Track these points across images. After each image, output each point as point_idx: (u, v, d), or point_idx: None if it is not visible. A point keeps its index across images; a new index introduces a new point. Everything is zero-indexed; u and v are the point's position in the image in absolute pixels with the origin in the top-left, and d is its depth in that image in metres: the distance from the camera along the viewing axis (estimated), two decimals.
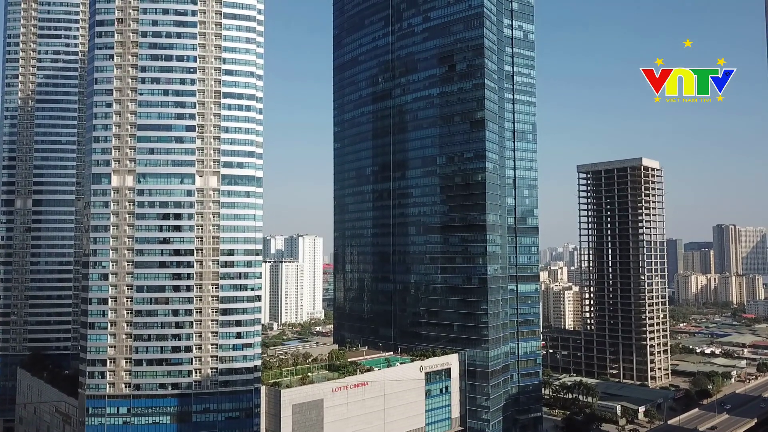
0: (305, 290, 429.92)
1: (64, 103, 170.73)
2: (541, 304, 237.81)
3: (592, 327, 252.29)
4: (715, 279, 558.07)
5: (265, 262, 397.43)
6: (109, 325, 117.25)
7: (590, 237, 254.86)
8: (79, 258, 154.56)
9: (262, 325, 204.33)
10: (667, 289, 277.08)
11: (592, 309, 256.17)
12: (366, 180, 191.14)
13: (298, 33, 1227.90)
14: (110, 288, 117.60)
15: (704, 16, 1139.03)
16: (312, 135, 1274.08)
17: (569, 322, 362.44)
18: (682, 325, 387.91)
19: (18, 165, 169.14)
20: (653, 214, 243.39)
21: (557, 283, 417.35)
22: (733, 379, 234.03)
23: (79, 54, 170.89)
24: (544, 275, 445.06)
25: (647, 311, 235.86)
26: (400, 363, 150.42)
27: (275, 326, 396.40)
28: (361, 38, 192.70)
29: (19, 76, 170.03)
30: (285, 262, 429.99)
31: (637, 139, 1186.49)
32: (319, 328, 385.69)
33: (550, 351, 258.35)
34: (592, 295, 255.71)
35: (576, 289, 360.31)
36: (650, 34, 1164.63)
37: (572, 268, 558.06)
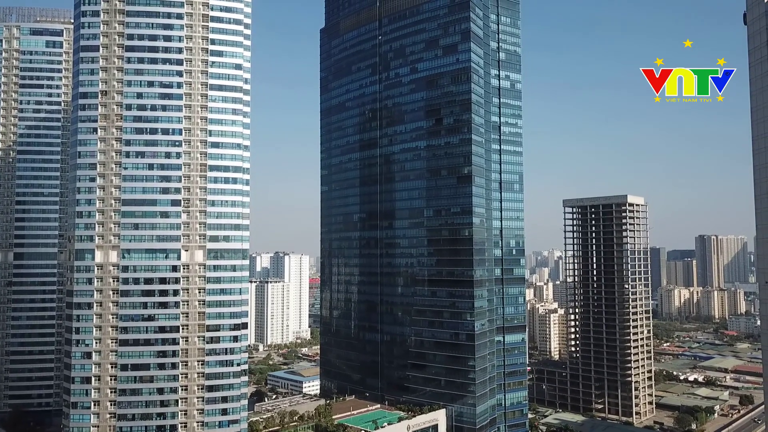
0: (291, 310, 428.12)
1: (46, 154, 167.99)
2: (528, 329, 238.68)
3: (578, 356, 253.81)
4: (697, 292, 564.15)
5: (251, 282, 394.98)
6: (92, 404, 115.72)
7: (576, 268, 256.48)
8: (61, 312, 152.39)
9: (248, 346, 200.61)
10: (651, 302, 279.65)
11: (577, 341, 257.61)
12: (353, 226, 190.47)
13: (289, 36, 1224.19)
14: (93, 366, 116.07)
15: (704, 16, 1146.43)
16: (299, 137, 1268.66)
17: (555, 345, 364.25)
18: (665, 345, 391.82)
19: None
20: (638, 251, 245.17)
21: (543, 304, 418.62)
22: (716, 414, 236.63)
23: (62, 104, 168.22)
24: (529, 293, 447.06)
25: (632, 348, 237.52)
26: (388, 423, 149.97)
27: (261, 348, 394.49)
28: (348, 84, 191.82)
29: (0, 127, 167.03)
30: (271, 282, 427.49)
31: (628, 141, 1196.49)
32: (305, 350, 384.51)
33: (536, 382, 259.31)
34: (577, 329, 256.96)
35: (561, 312, 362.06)
36: (650, 34, 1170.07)
37: (557, 282, 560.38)
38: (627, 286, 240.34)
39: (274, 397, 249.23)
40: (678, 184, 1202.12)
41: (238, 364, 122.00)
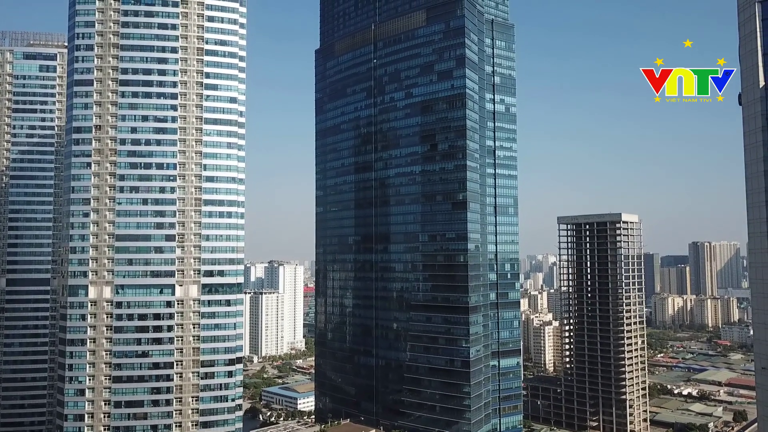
0: (286, 321, 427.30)
1: (39, 179, 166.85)
2: (522, 341, 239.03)
3: (572, 371, 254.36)
4: (691, 300, 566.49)
5: (246, 293, 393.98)
6: None
7: (570, 284, 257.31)
8: (54, 338, 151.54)
9: (243, 358, 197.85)
10: (645, 309, 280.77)
11: (571, 356, 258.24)
12: (348, 249, 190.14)
13: (284, 39, 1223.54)
14: (87, 404, 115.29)
15: (704, 16, 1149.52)
16: (293, 140, 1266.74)
17: (549, 357, 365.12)
18: (659, 356, 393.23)
19: None
20: (631, 266, 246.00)
21: (537, 314, 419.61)
22: (710, 431, 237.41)
23: (56, 128, 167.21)
24: (524, 303, 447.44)
25: (627, 364, 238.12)
26: None
27: (255, 359, 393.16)
28: (343, 106, 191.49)
29: None
30: (265, 293, 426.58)
31: (624, 143, 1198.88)
32: (299, 362, 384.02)
33: (531, 399, 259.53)
34: (571, 344, 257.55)
35: (556, 324, 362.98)
36: (650, 35, 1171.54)
37: (551, 290, 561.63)
38: (621, 304, 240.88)
39: (268, 413, 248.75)
40: (672, 188, 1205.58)
41: (233, 399, 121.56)
